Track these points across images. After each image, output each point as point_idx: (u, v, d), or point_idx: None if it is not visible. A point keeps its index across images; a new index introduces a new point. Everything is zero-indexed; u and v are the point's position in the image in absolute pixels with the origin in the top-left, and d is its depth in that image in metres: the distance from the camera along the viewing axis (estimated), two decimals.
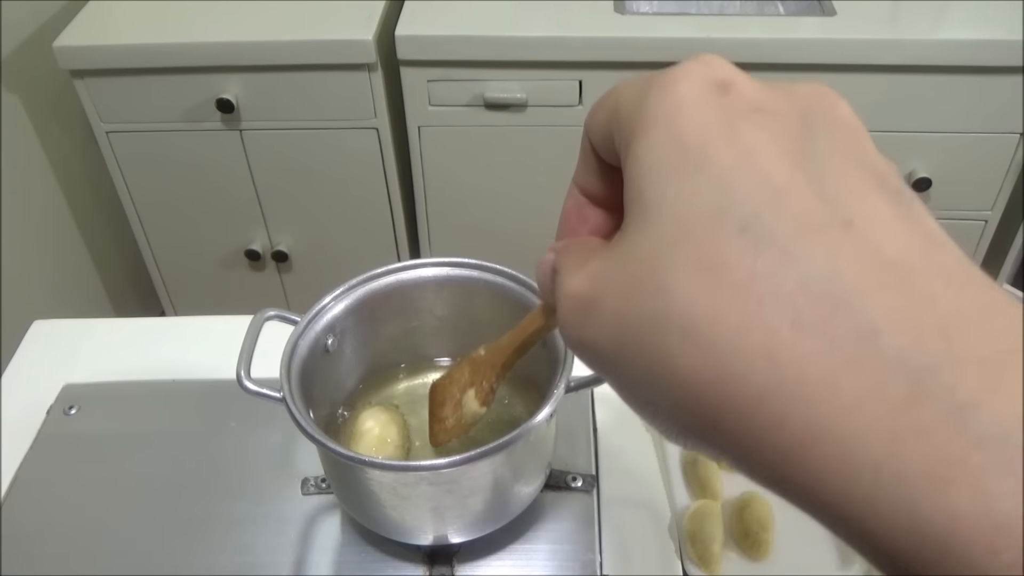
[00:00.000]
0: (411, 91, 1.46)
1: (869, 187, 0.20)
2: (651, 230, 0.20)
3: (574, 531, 0.66)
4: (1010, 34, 1.34)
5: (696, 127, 0.21)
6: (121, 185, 1.59)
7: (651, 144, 0.21)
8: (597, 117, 0.25)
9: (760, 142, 0.20)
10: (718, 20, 1.42)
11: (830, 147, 0.21)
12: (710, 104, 0.21)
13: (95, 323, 0.89)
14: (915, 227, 0.19)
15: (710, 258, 0.19)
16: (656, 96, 0.22)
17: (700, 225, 0.19)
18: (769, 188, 0.19)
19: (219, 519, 0.68)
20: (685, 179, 0.20)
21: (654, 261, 0.20)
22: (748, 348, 0.18)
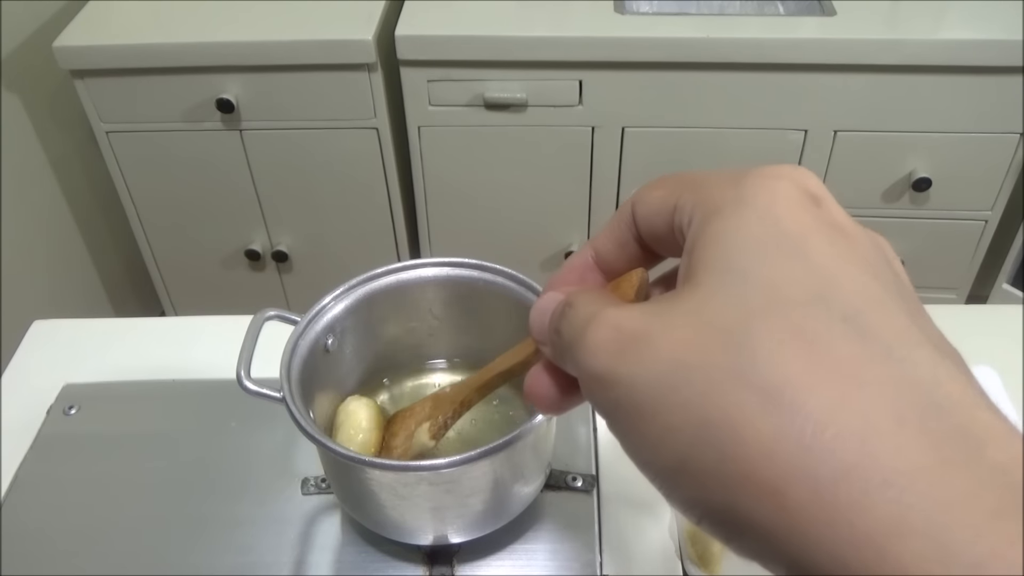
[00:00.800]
0: (411, 91, 1.46)
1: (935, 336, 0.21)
2: (736, 293, 0.21)
3: (574, 531, 0.66)
4: (1010, 34, 1.34)
5: (794, 220, 0.22)
6: (121, 185, 1.59)
7: (746, 222, 0.22)
8: (654, 194, 0.26)
9: (852, 255, 0.21)
10: (718, 20, 1.42)
11: (901, 284, 0.22)
12: (804, 207, 0.22)
13: (95, 323, 0.89)
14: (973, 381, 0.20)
15: (810, 333, 0.19)
16: (754, 184, 0.23)
17: (799, 303, 0.20)
18: (869, 293, 0.20)
19: (219, 519, 0.68)
20: (783, 260, 0.21)
21: (737, 319, 0.20)
22: (841, 426, 0.18)
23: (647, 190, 0.26)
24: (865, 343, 0.19)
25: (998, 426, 0.18)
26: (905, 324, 0.20)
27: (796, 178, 0.23)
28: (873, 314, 0.20)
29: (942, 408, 0.18)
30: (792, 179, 0.23)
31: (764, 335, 0.19)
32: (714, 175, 0.24)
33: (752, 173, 0.23)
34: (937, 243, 1.58)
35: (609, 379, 0.21)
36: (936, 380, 0.18)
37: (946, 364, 0.19)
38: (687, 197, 0.24)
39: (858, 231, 0.23)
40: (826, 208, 0.23)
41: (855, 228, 0.23)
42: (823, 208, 0.23)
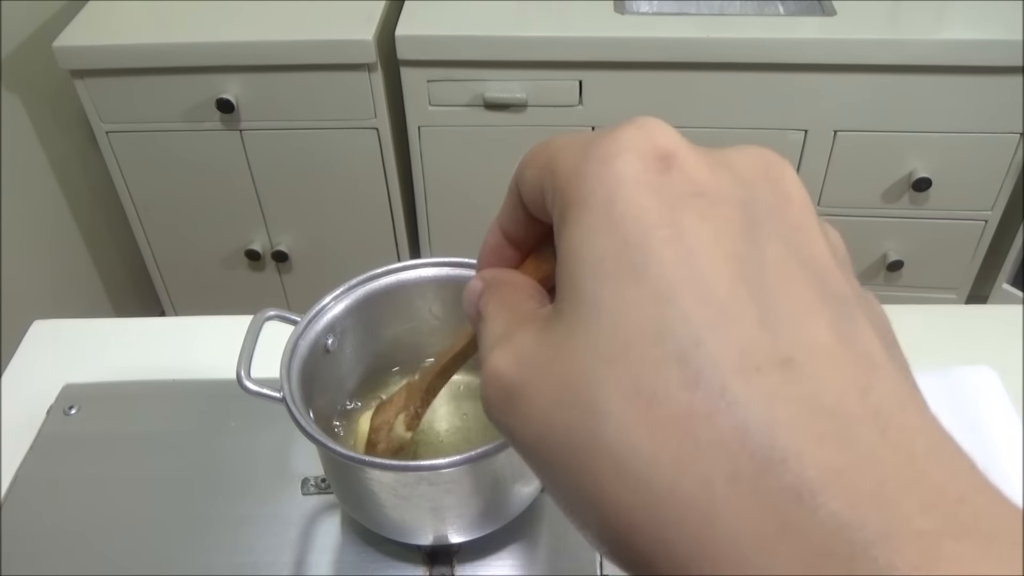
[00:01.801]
0: (411, 91, 1.46)
1: (811, 300, 0.19)
2: (585, 336, 0.19)
3: (574, 531, 0.66)
4: (1010, 34, 1.34)
5: (635, 215, 0.19)
6: (121, 185, 1.59)
7: (587, 232, 0.20)
8: (528, 173, 0.24)
9: (703, 239, 0.19)
10: (718, 20, 1.42)
11: (773, 245, 0.20)
12: (650, 186, 0.20)
13: (95, 323, 0.89)
14: (856, 356, 0.18)
15: (647, 387, 0.18)
16: (593, 172, 0.20)
17: (638, 344, 0.18)
18: (712, 307, 0.18)
19: (219, 519, 0.68)
20: (624, 281, 0.19)
21: (587, 374, 0.19)
22: (684, 495, 0.17)
23: (522, 168, 0.24)
24: (698, 389, 0.17)
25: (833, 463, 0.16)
26: (748, 337, 0.18)
27: (639, 144, 0.20)
28: (711, 340, 0.18)
29: (774, 459, 0.16)
30: (634, 148, 0.20)
31: (612, 394, 0.18)
32: (567, 150, 0.22)
33: (593, 154, 0.21)
34: (937, 243, 1.59)
35: (505, 431, 0.21)
36: (771, 422, 0.17)
37: (789, 382, 0.17)
38: (548, 182, 0.22)
39: (720, 181, 0.20)
40: (678, 169, 0.20)
41: (716, 180, 0.20)
42: (674, 172, 0.20)
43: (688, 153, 0.21)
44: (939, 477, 0.17)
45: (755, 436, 0.17)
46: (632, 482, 0.18)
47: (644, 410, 0.18)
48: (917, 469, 0.17)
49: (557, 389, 0.19)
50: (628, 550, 0.18)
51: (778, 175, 0.21)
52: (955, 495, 0.16)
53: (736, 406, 0.17)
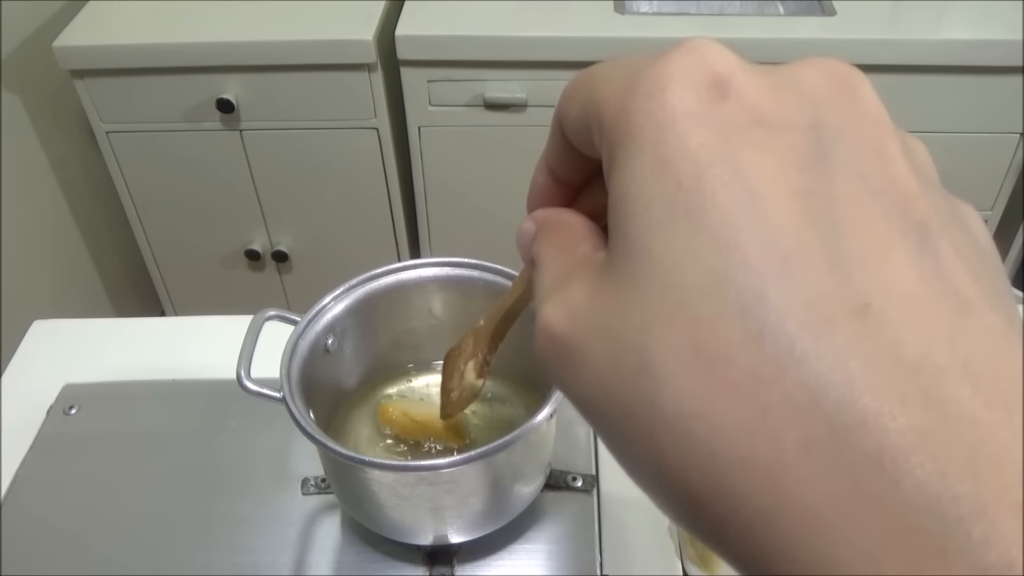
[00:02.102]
0: (411, 91, 1.46)
1: (888, 234, 0.17)
2: (638, 290, 0.18)
3: (574, 531, 0.66)
4: (1010, 34, 1.34)
5: (688, 154, 0.18)
6: (121, 185, 1.59)
7: (637, 175, 0.18)
8: (571, 111, 0.22)
9: (764, 175, 0.17)
10: (718, 20, 1.42)
11: (845, 174, 0.18)
12: (704, 118, 0.18)
13: (95, 323, 0.89)
14: (942, 295, 0.16)
15: (707, 346, 0.16)
16: (641, 107, 0.18)
17: (695, 297, 0.17)
18: (776, 253, 0.16)
19: (219, 519, 0.68)
20: (678, 228, 0.17)
21: (642, 332, 0.17)
22: (752, 464, 0.16)
23: (564, 105, 0.22)
24: (764, 347, 0.16)
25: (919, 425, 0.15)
26: (819, 283, 0.16)
27: (692, 70, 0.18)
28: (776, 289, 0.16)
29: (853, 423, 0.15)
30: (686, 76, 0.18)
31: (669, 354, 0.17)
32: (611, 82, 0.20)
33: (639, 86, 0.19)
34: None
35: (562, 388, 0.20)
36: (848, 379, 0.15)
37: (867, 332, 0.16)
38: (594, 120, 0.20)
39: (784, 105, 0.18)
40: (735, 96, 0.18)
41: (779, 103, 0.18)
42: (731, 100, 0.18)
43: (745, 76, 0.19)
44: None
45: (830, 396, 0.15)
46: (696, 452, 0.16)
47: (705, 372, 0.16)
48: (1015, 429, 0.15)
49: (611, 349, 0.18)
50: (695, 517, 0.17)
51: (849, 90, 0.19)
52: None
53: (807, 363, 0.16)
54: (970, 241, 0.18)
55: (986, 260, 0.18)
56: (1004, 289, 0.18)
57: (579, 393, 0.19)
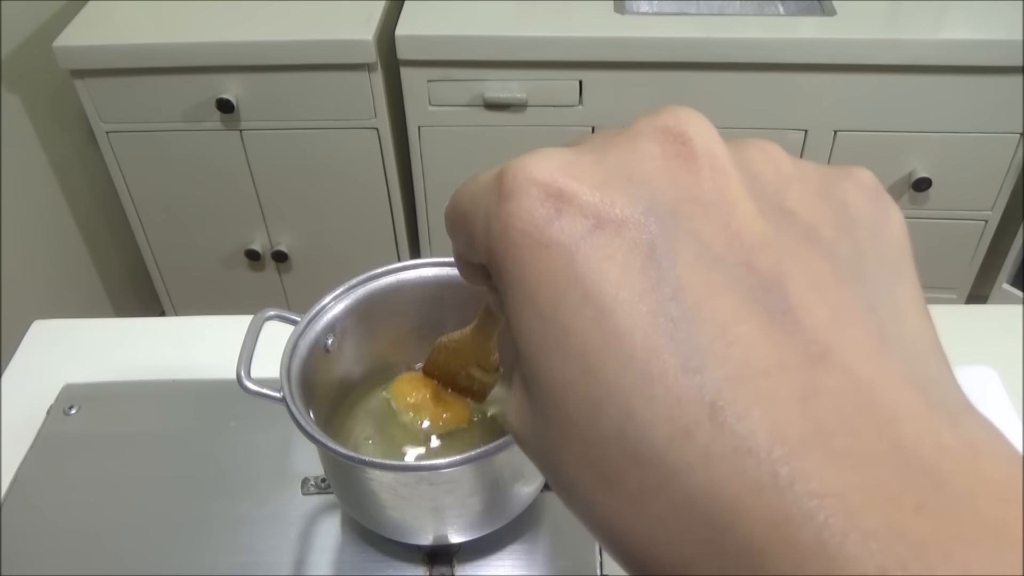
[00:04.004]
0: (411, 91, 1.46)
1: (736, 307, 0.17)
2: (539, 411, 0.19)
3: (574, 531, 0.66)
4: (1010, 34, 1.34)
5: (544, 284, 0.18)
6: (121, 185, 1.59)
7: (510, 309, 0.19)
8: (459, 248, 0.22)
9: (611, 288, 0.17)
10: (718, 20, 1.42)
11: (685, 254, 0.17)
12: (548, 242, 0.18)
13: (95, 323, 0.89)
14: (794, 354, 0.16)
15: (600, 467, 0.17)
16: (500, 251, 0.19)
17: (580, 424, 0.17)
18: (633, 370, 0.17)
19: (219, 519, 0.68)
20: (552, 360, 0.18)
21: (554, 452, 0.18)
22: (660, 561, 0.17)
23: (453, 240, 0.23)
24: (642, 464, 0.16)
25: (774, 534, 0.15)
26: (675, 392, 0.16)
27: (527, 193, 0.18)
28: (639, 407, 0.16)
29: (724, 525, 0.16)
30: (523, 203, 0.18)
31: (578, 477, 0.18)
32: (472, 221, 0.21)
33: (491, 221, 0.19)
34: (937, 243, 1.58)
35: None
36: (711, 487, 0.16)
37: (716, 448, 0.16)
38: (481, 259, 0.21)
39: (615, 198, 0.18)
40: (568, 205, 0.18)
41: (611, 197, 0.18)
42: (566, 210, 0.18)
43: (576, 183, 0.18)
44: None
45: (703, 502, 0.16)
46: (616, 546, 0.18)
47: (602, 486, 0.17)
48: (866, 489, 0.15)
49: (542, 455, 0.19)
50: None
51: (677, 145, 0.19)
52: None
53: (678, 475, 0.16)
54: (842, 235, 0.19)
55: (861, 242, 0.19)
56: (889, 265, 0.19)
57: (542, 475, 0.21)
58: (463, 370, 0.54)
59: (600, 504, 0.17)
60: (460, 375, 0.55)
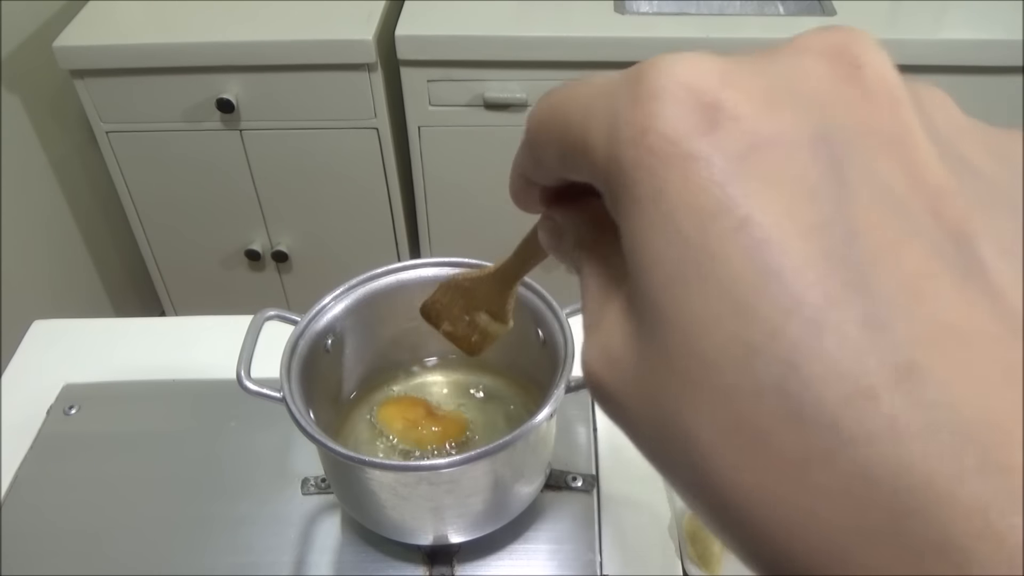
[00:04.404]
0: (411, 91, 1.46)
1: (925, 260, 0.15)
2: (664, 351, 0.16)
3: (574, 531, 0.66)
4: (1010, 34, 1.34)
5: (689, 204, 0.16)
6: (121, 185, 1.59)
7: (641, 232, 0.16)
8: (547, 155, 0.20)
9: (773, 217, 0.15)
10: (718, 20, 1.42)
11: (863, 188, 0.15)
12: (697, 156, 0.16)
13: (95, 323, 0.89)
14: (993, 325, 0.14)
15: (747, 421, 0.15)
16: (628, 156, 0.17)
17: (725, 368, 0.15)
18: (802, 316, 0.14)
19: (219, 519, 0.68)
20: (691, 291, 0.16)
21: (676, 397, 0.16)
22: (809, 553, 0.15)
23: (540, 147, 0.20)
24: (806, 426, 0.14)
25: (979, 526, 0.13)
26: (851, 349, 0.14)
27: (675, 99, 0.16)
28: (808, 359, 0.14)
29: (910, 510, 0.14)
30: (667, 105, 0.16)
31: (707, 429, 0.16)
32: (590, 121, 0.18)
33: (623, 127, 0.17)
34: None
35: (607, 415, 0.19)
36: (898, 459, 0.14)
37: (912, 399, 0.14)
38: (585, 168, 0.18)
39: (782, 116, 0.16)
40: (727, 120, 0.16)
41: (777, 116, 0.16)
42: (723, 125, 0.16)
43: (734, 91, 0.16)
44: None
45: (886, 480, 0.14)
46: (750, 528, 0.15)
47: (749, 449, 0.15)
48: None
49: (654, 415, 0.17)
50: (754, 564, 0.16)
51: (852, 70, 0.17)
52: None
53: (855, 445, 0.14)
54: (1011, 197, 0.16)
55: None
56: None
57: (626, 431, 0.18)
58: (468, 315, 0.49)
59: (736, 469, 0.15)
60: (462, 320, 0.50)
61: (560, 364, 0.57)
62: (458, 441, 0.66)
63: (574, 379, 0.56)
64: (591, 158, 0.18)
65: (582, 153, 0.18)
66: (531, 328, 0.62)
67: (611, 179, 0.17)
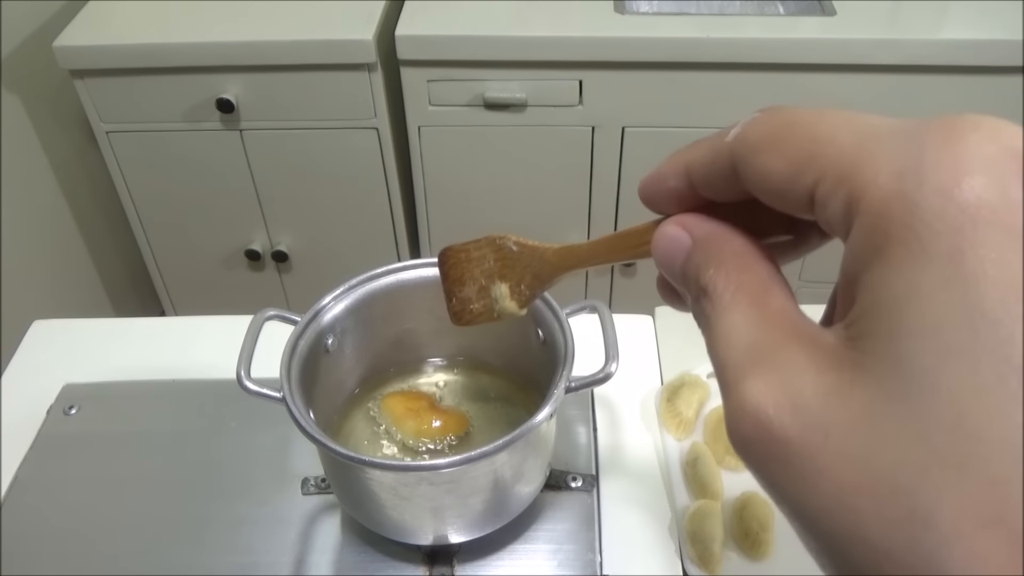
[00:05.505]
0: (411, 91, 1.46)
1: None
2: (915, 422, 0.15)
3: (574, 531, 0.66)
4: (1010, 34, 1.34)
5: (998, 276, 0.14)
6: (121, 185, 1.59)
7: (923, 284, 0.15)
8: (770, 163, 0.19)
9: None
10: (718, 20, 1.42)
11: None
12: (1016, 228, 0.14)
13: (95, 323, 0.89)
14: None
15: (1011, 518, 0.14)
16: (933, 204, 0.15)
17: (999, 460, 0.14)
18: None
19: (219, 519, 0.68)
20: (980, 368, 0.14)
21: (918, 477, 0.15)
22: None
23: (755, 153, 0.19)
24: None
25: None
26: None
27: (995, 160, 0.15)
28: None
29: None
30: (989, 168, 0.15)
31: (957, 514, 0.14)
32: (873, 151, 0.16)
33: (930, 164, 0.15)
34: None
35: (761, 479, 0.18)
36: None
37: None
38: (833, 188, 0.17)
39: None
40: None
41: None
42: None
43: None
44: None
45: None
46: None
47: (1008, 546, 0.14)
48: None
49: (869, 475, 0.15)
50: None
51: None
52: None
53: None
54: None
55: None
56: None
57: (803, 501, 0.17)
58: (487, 280, 0.44)
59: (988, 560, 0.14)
60: (476, 283, 0.44)
61: (560, 364, 0.57)
62: (458, 436, 0.66)
63: (574, 379, 0.56)
64: (862, 194, 0.16)
65: (842, 179, 0.17)
66: (531, 328, 0.62)
67: (891, 220, 0.16)
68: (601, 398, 0.76)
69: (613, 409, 0.76)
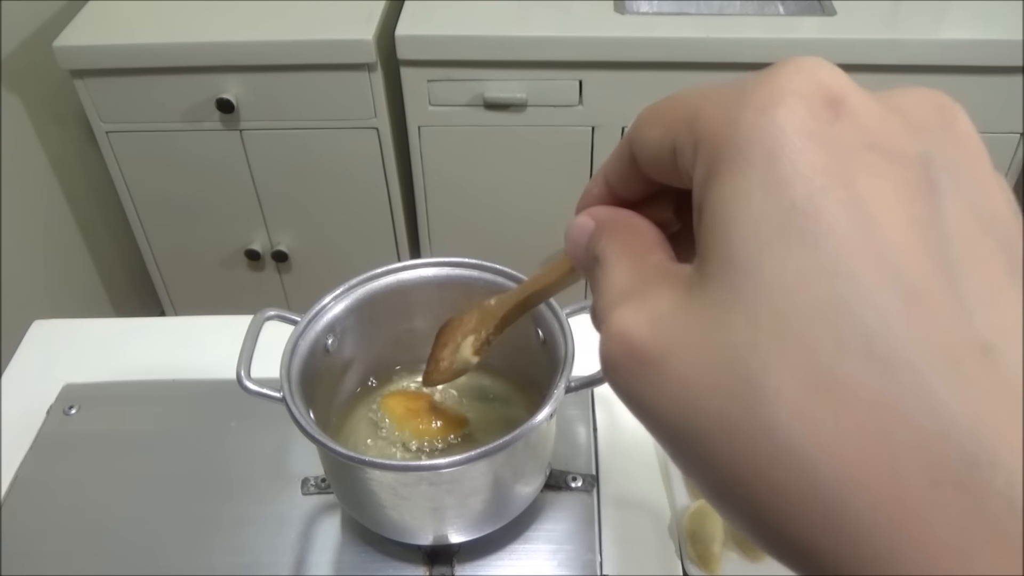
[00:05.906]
0: (411, 91, 1.46)
1: (999, 270, 0.17)
2: (744, 305, 0.17)
3: (574, 531, 0.66)
4: (1010, 34, 1.34)
5: (803, 173, 0.17)
6: (121, 185, 1.59)
7: (745, 190, 0.17)
8: (649, 134, 0.21)
9: (882, 202, 0.17)
10: (718, 20, 1.42)
11: (954, 205, 0.18)
12: (818, 136, 0.17)
13: (95, 323, 0.89)
14: None
15: (827, 372, 0.16)
16: (751, 121, 0.18)
17: (813, 324, 0.16)
18: (900, 287, 0.16)
19: (219, 519, 0.68)
20: (791, 249, 0.17)
21: (749, 348, 0.17)
22: (875, 501, 0.15)
23: (641, 128, 0.22)
24: (892, 384, 0.15)
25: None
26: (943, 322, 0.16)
27: (804, 87, 0.18)
28: (901, 327, 0.16)
29: (980, 462, 0.15)
30: (800, 93, 0.18)
31: (780, 378, 0.16)
32: (711, 98, 0.20)
33: (749, 101, 0.18)
34: None
35: (631, 400, 0.19)
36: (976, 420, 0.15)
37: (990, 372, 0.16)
38: (685, 137, 0.20)
39: (895, 131, 0.18)
40: (848, 117, 0.18)
41: (890, 130, 0.18)
42: (843, 120, 0.18)
43: (859, 98, 0.18)
44: None
45: (961, 436, 0.15)
46: (807, 478, 0.16)
47: (824, 399, 0.16)
48: None
49: (706, 363, 0.17)
50: (786, 541, 0.17)
51: (951, 119, 0.19)
52: None
53: (937, 403, 0.15)
54: None
55: None
56: None
57: (656, 405, 0.19)
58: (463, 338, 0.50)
59: (808, 414, 0.16)
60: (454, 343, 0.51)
61: (560, 364, 0.57)
62: (458, 436, 0.66)
63: (574, 379, 0.56)
64: (702, 127, 0.19)
65: (691, 128, 0.20)
66: (531, 328, 0.62)
67: (722, 141, 0.18)
68: (601, 398, 0.76)
69: (613, 409, 0.76)
